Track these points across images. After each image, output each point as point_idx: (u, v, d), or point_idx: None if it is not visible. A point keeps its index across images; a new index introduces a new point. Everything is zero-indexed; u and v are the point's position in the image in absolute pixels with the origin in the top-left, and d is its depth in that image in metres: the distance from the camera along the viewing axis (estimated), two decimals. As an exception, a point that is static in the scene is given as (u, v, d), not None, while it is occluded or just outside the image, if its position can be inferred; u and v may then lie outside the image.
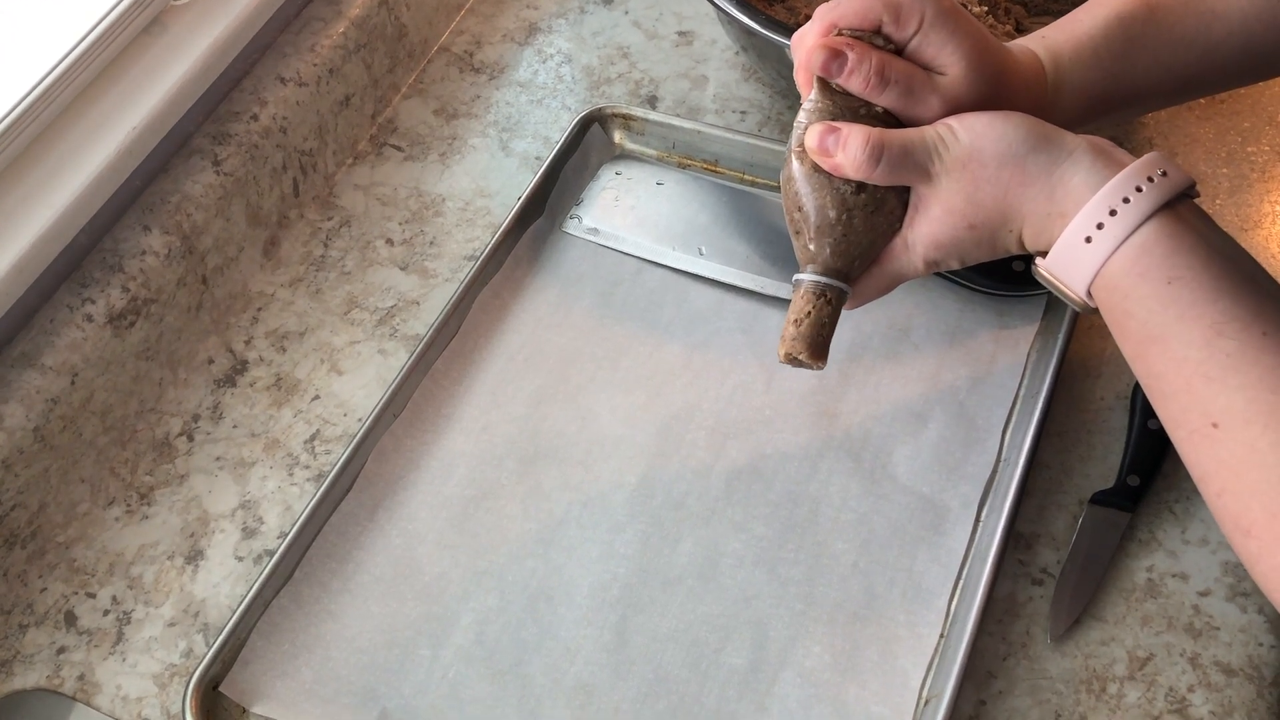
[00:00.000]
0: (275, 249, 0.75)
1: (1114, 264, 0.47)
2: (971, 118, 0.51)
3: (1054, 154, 0.49)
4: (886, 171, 0.51)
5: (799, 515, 0.61)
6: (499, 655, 0.57)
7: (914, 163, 0.51)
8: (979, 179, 0.50)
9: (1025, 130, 0.50)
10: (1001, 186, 0.50)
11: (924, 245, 0.53)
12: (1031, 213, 0.50)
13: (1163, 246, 0.47)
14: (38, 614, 0.61)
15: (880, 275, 0.55)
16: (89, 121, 0.65)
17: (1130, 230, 0.47)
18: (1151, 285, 0.47)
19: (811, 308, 0.53)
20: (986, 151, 0.50)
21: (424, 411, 0.66)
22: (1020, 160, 0.49)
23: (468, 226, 0.76)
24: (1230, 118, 0.78)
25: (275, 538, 0.63)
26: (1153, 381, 0.48)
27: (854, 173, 0.51)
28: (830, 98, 0.53)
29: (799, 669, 0.56)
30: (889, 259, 0.54)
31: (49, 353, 0.62)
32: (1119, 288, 0.48)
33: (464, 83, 0.84)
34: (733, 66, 0.83)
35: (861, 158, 0.51)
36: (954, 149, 0.50)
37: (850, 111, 0.52)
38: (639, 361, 0.68)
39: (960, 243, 0.52)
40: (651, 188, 0.75)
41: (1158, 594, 0.59)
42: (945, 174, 0.51)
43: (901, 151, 0.51)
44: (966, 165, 0.50)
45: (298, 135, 0.75)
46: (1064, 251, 0.49)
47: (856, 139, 0.51)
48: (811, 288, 0.53)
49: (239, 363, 0.70)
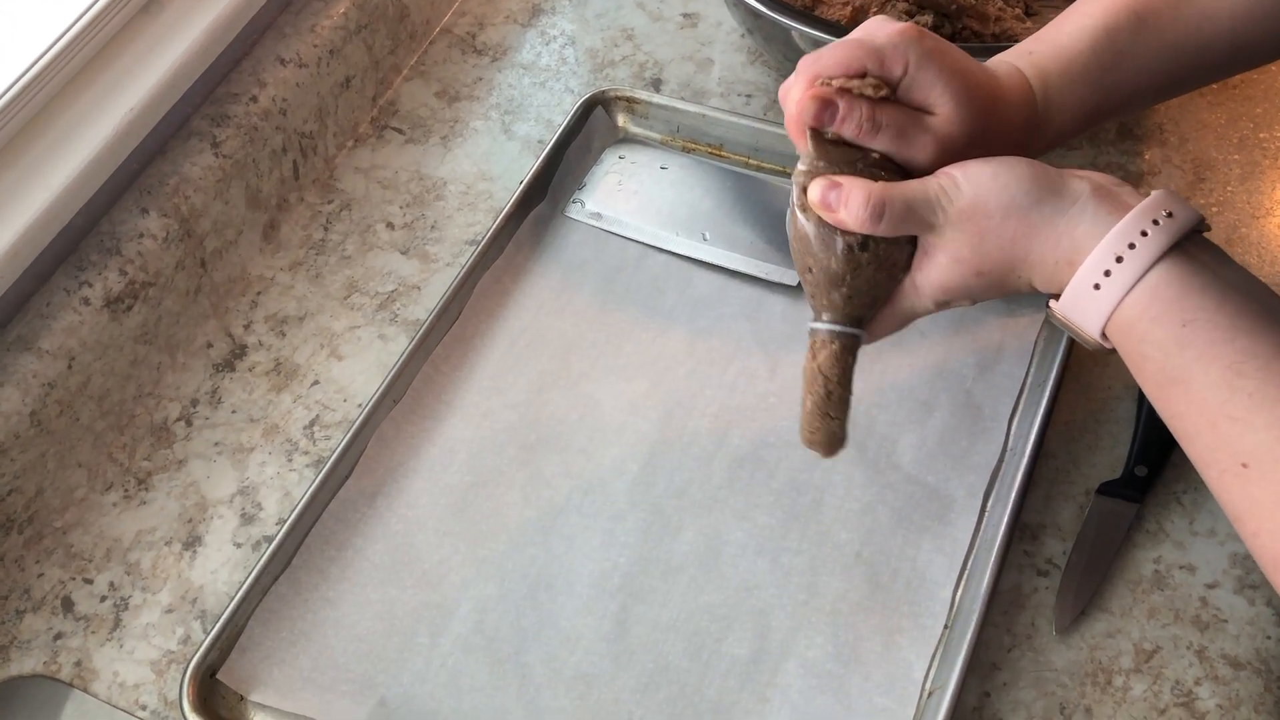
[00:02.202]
0: (275, 232, 0.74)
1: (1126, 309, 0.47)
2: (975, 167, 0.50)
3: (1058, 203, 0.49)
4: (890, 227, 0.51)
5: (802, 504, 0.61)
6: (498, 644, 0.57)
7: (917, 217, 0.51)
8: (984, 230, 0.50)
9: (1030, 180, 0.49)
10: (1007, 237, 0.50)
11: (932, 289, 0.53)
12: (1040, 261, 0.50)
13: (1173, 289, 0.47)
14: (35, 600, 0.60)
15: (892, 315, 0.55)
16: (85, 103, 0.64)
17: (1138, 276, 0.47)
18: (1166, 329, 0.46)
19: (831, 370, 0.53)
20: (991, 203, 0.50)
21: (424, 397, 0.65)
22: (1025, 211, 0.49)
23: (469, 210, 0.75)
24: (1243, 103, 0.77)
25: (274, 524, 0.62)
26: (1177, 422, 0.47)
27: (857, 228, 0.51)
28: (825, 150, 0.53)
29: (801, 659, 0.56)
30: (899, 300, 0.54)
31: (46, 336, 0.61)
32: (1133, 332, 0.47)
33: (466, 65, 0.83)
34: (738, 49, 0.82)
35: (864, 215, 0.51)
36: (957, 201, 0.50)
37: (848, 162, 0.52)
38: (641, 348, 0.67)
39: (969, 288, 0.52)
40: (655, 172, 0.74)
41: (1165, 586, 0.58)
42: (950, 226, 0.51)
43: (904, 207, 0.51)
44: (971, 217, 0.50)
45: (297, 117, 0.74)
46: (1074, 298, 0.49)
47: (858, 196, 0.51)
48: (826, 338, 0.54)
49: (238, 347, 0.70)
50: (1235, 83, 0.78)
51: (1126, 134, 0.76)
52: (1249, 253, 0.70)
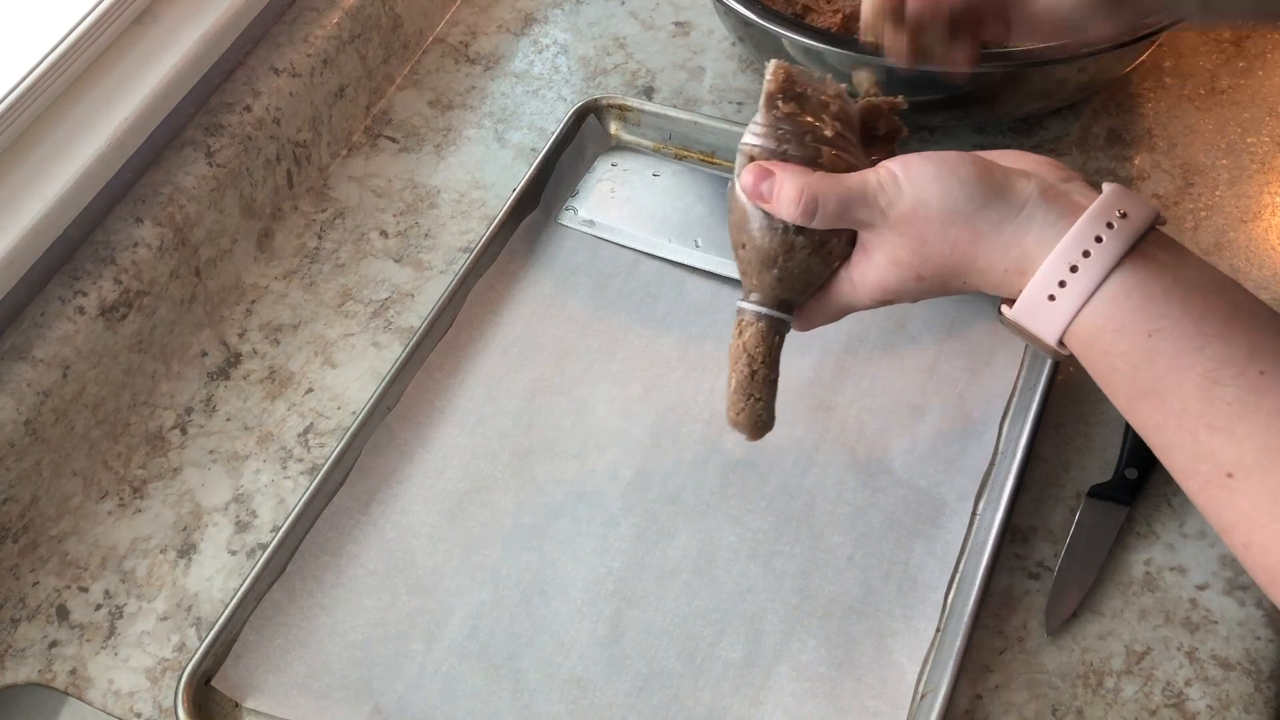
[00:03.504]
0: (269, 241, 0.75)
1: (1085, 321, 0.46)
2: (918, 165, 0.48)
3: (1004, 208, 0.47)
4: (823, 222, 0.49)
5: (795, 508, 0.61)
6: (493, 649, 0.57)
7: (852, 216, 0.49)
8: (924, 235, 0.48)
9: (974, 183, 0.47)
10: (949, 243, 0.48)
11: (870, 288, 0.51)
12: (986, 269, 0.48)
13: (1134, 298, 0.45)
14: (29, 608, 0.60)
15: (825, 305, 0.54)
16: (80, 112, 0.64)
17: (1094, 285, 0.45)
18: (1131, 340, 0.45)
19: (755, 349, 0.53)
20: (932, 207, 0.48)
21: (418, 404, 0.65)
22: (968, 218, 0.47)
23: (462, 218, 0.75)
24: (1230, 108, 0.78)
25: (268, 531, 0.63)
26: (1152, 434, 0.46)
27: (789, 219, 0.50)
28: (776, 120, 0.51)
29: (794, 663, 0.56)
30: (834, 291, 0.53)
31: (40, 345, 0.61)
32: (1095, 344, 0.46)
33: (459, 74, 0.84)
34: (730, 57, 0.83)
35: (795, 211, 0.49)
36: (897, 204, 0.48)
37: (795, 137, 0.51)
38: (634, 354, 0.67)
39: (909, 290, 0.51)
40: (648, 179, 0.75)
41: (1155, 588, 0.59)
42: (888, 227, 0.49)
43: (839, 205, 0.49)
44: (911, 221, 0.48)
45: (291, 126, 0.74)
46: (1028, 310, 0.47)
47: (790, 190, 0.49)
48: (752, 318, 0.53)
49: (232, 355, 0.70)
50: (1223, 88, 0.79)
51: (1116, 139, 0.77)
52: (1237, 256, 0.70)
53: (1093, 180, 0.74)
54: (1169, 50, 0.81)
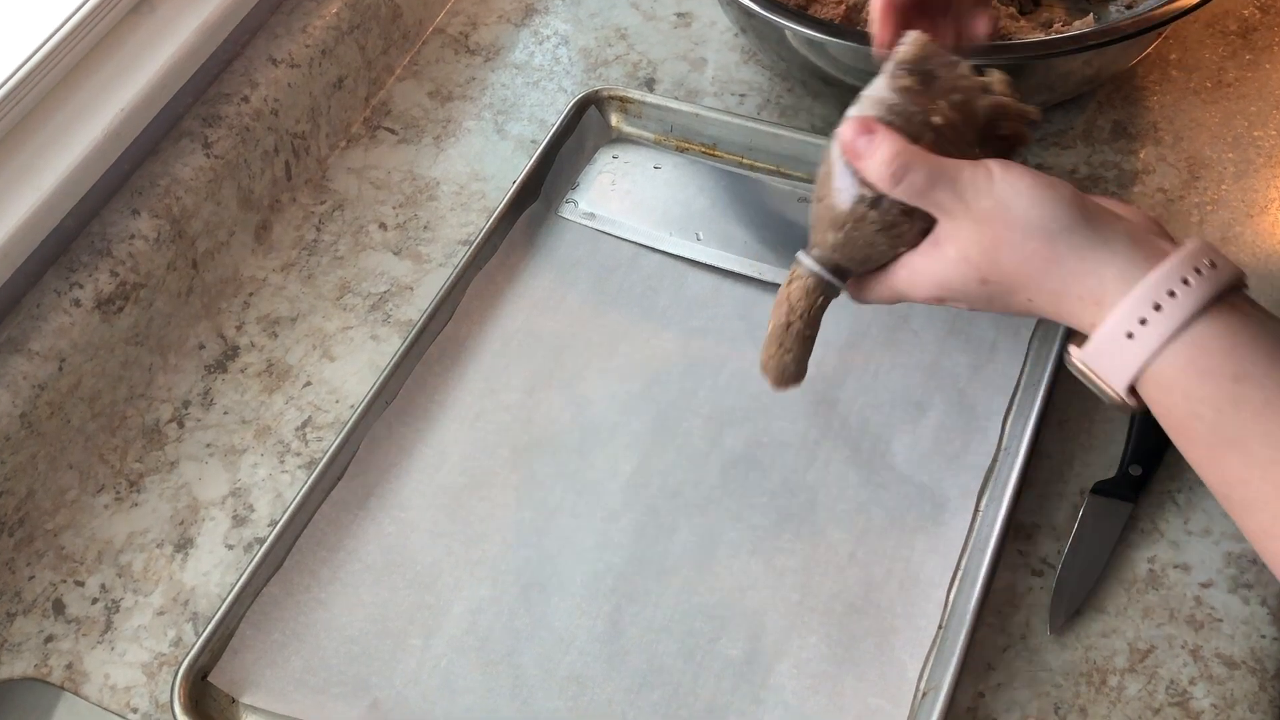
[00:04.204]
0: (267, 233, 0.74)
1: (1165, 363, 0.44)
2: (1017, 172, 0.48)
3: (1090, 238, 0.46)
4: (906, 193, 0.48)
5: (796, 505, 0.60)
6: (491, 645, 0.57)
7: (936, 197, 0.48)
8: (1001, 239, 0.47)
9: (1067, 205, 0.47)
10: (1024, 255, 0.47)
11: (931, 281, 0.50)
12: (1056, 291, 0.47)
13: (1221, 342, 0.43)
14: (25, 602, 0.60)
15: (883, 284, 0.53)
16: (76, 103, 0.64)
17: (1178, 326, 0.44)
18: (1217, 384, 0.43)
19: (798, 302, 0.53)
20: (1015, 213, 0.47)
21: (417, 398, 0.65)
22: (1051, 235, 0.46)
23: (462, 211, 0.75)
24: (1237, 101, 0.77)
25: (266, 526, 0.62)
26: (1233, 490, 0.44)
27: (873, 180, 0.49)
28: (894, 89, 0.50)
29: (795, 660, 0.56)
30: (894, 275, 0.52)
31: (36, 338, 0.61)
32: (1176, 387, 0.44)
33: (459, 65, 0.83)
34: (732, 48, 0.82)
35: (884, 171, 0.48)
36: (983, 200, 0.47)
37: (904, 113, 0.49)
38: (635, 348, 0.67)
39: (969, 294, 0.50)
40: (649, 171, 0.74)
41: (1159, 585, 0.58)
42: (968, 220, 0.48)
43: (927, 179, 0.48)
44: (991, 220, 0.47)
45: (290, 118, 0.74)
46: (1102, 346, 0.46)
47: (885, 149, 0.48)
48: (804, 272, 0.53)
49: (230, 348, 0.69)
50: (1230, 81, 0.78)
51: (1121, 132, 0.76)
52: (1243, 251, 0.70)
53: (1096, 174, 0.74)
54: (1175, 43, 0.81)
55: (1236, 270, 0.45)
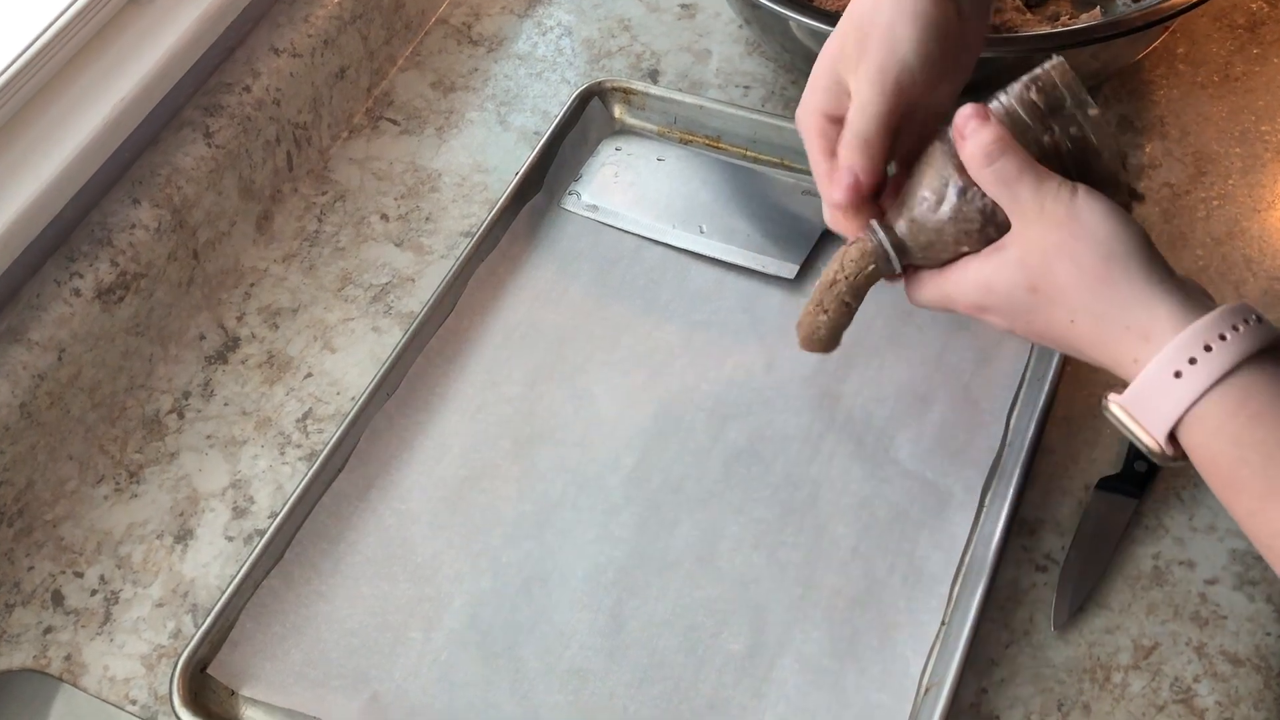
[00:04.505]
0: (268, 223, 0.74)
1: (1212, 406, 0.44)
2: (1099, 197, 0.48)
3: (1149, 274, 0.46)
4: (994, 177, 0.49)
5: (799, 498, 0.60)
6: (492, 638, 0.57)
7: (1017, 190, 0.48)
8: (1063, 248, 0.47)
9: (1136, 237, 0.47)
10: (1081, 267, 0.47)
11: (978, 284, 0.50)
12: (1099, 313, 0.47)
13: (1269, 388, 0.43)
14: (24, 593, 0.60)
15: (937, 285, 0.53)
16: (76, 91, 0.64)
17: (1228, 369, 0.43)
18: (1267, 429, 0.42)
19: (849, 264, 0.53)
20: (1085, 226, 0.47)
21: (418, 390, 0.65)
22: (1112, 256, 0.47)
23: (464, 202, 0.74)
24: (1244, 96, 0.77)
25: (266, 517, 0.62)
26: (1278, 541, 0.43)
27: (968, 158, 0.50)
28: (1019, 100, 0.51)
29: (797, 655, 0.55)
30: (946, 278, 0.52)
31: (36, 328, 0.61)
32: (1224, 432, 0.44)
33: (462, 55, 0.83)
34: (736, 40, 0.82)
35: (979, 151, 0.49)
36: (1060, 207, 0.48)
37: (1019, 124, 0.50)
38: (637, 341, 0.67)
39: (1013, 301, 0.49)
40: (652, 164, 0.74)
41: (1164, 582, 0.58)
42: (1039, 222, 0.48)
43: (1016, 170, 0.48)
44: (1059, 228, 0.48)
45: (291, 107, 0.74)
46: (1149, 386, 0.45)
47: (990, 133, 0.49)
48: (868, 235, 0.53)
49: (230, 339, 0.69)
50: (1237, 75, 0.78)
51: (1127, 126, 0.76)
52: (1250, 246, 0.70)
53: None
54: (1182, 37, 0.80)
55: (1277, 331, 0.45)
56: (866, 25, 0.52)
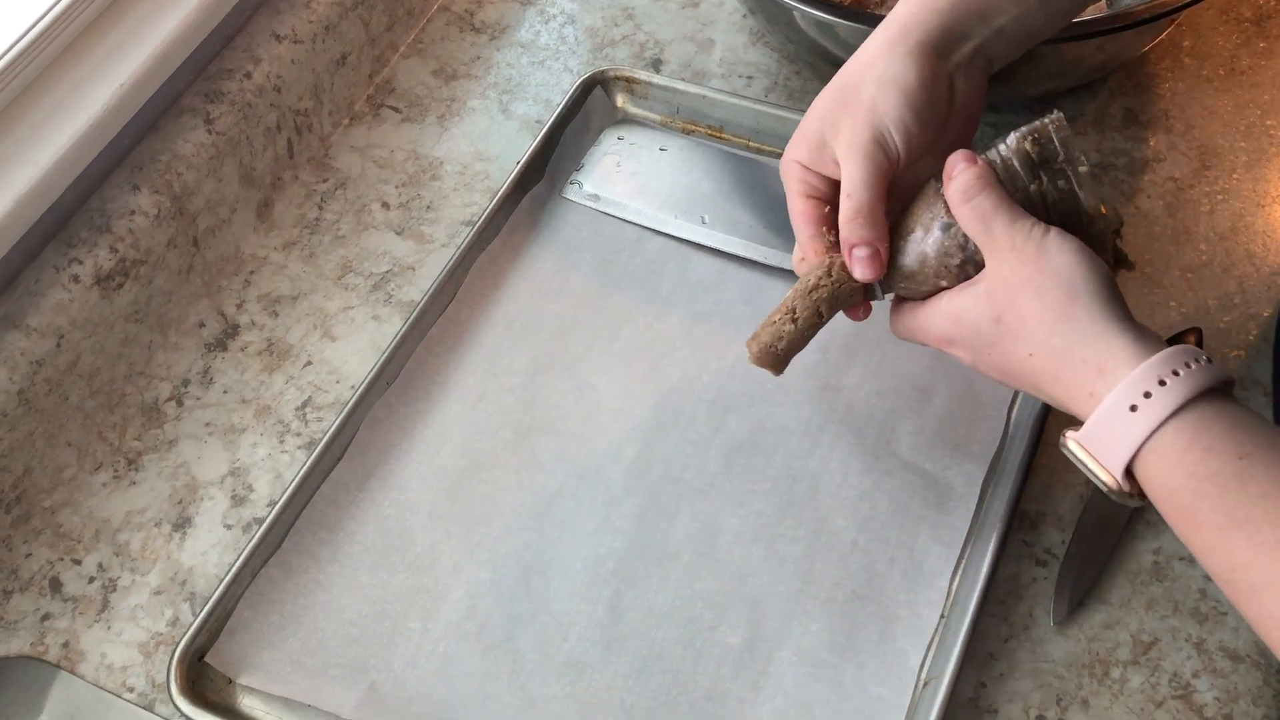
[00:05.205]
0: (268, 211, 0.73)
1: (1167, 439, 0.44)
2: (1070, 238, 0.49)
3: (1109, 311, 0.47)
4: (971, 213, 0.50)
5: (799, 491, 0.60)
6: (490, 629, 0.56)
7: (991, 226, 0.50)
8: (1029, 282, 0.49)
9: (1100, 276, 0.48)
10: (1044, 302, 0.48)
11: (946, 315, 0.52)
12: (1056, 348, 0.48)
13: (1222, 422, 0.44)
14: (22, 580, 0.60)
15: (911, 316, 0.54)
16: (76, 77, 0.63)
17: (1182, 401, 0.44)
18: (1222, 461, 0.43)
19: (817, 279, 0.54)
20: (1052, 262, 0.48)
21: (418, 380, 0.64)
22: (1075, 293, 0.48)
23: (465, 191, 0.74)
24: (1250, 90, 0.76)
25: (265, 506, 0.62)
26: (1237, 574, 0.42)
27: (950, 195, 0.51)
28: (1012, 148, 0.52)
29: (796, 648, 0.55)
30: (920, 309, 0.54)
31: (34, 314, 0.60)
32: (1180, 464, 0.44)
33: (464, 43, 0.82)
34: (740, 30, 0.81)
35: (961, 187, 0.50)
36: (1030, 244, 0.49)
37: (1008, 171, 0.52)
38: (638, 331, 0.66)
39: (978, 332, 0.51)
40: (654, 153, 0.73)
41: (1164, 577, 0.58)
42: (1009, 256, 0.49)
43: (991, 207, 0.50)
44: (1027, 263, 0.49)
45: (292, 94, 0.73)
46: (1106, 419, 0.45)
47: (972, 173, 0.51)
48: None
49: (230, 327, 0.69)
50: (1243, 69, 0.77)
51: (1132, 120, 0.75)
52: (1254, 241, 0.69)
53: (1107, 161, 0.73)
54: (1188, 29, 0.80)
55: (1228, 374, 0.46)
56: (851, 94, 0.54)
